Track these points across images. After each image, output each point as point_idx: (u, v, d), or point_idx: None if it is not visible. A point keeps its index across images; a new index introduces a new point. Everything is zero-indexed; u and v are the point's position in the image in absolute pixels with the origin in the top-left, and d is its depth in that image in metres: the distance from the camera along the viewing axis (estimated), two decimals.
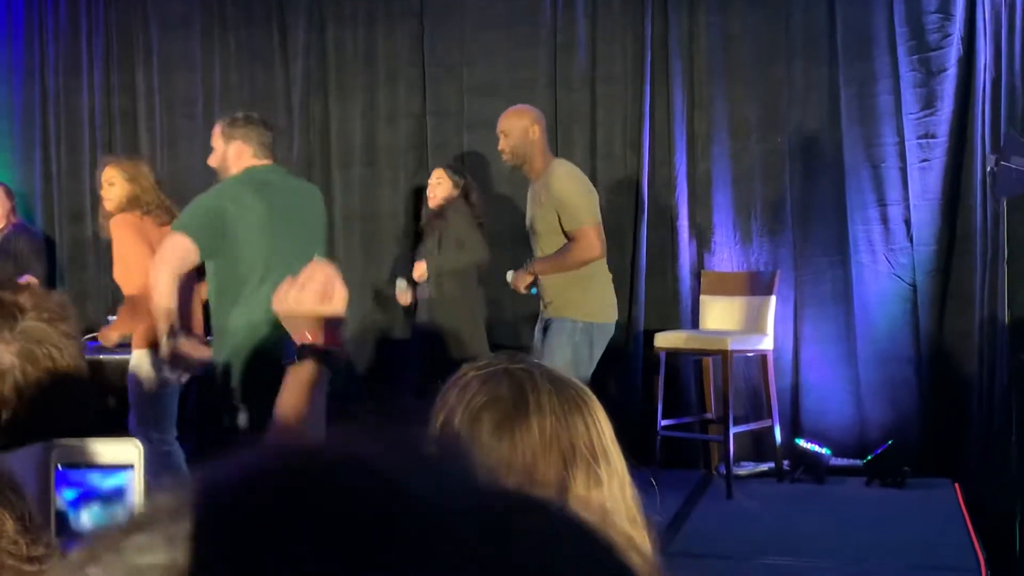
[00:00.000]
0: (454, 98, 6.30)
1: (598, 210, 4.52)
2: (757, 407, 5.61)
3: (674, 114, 5.87)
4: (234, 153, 4.05)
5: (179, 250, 3.69)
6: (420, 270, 5.30)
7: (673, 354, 5.54)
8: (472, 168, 6.19)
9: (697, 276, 5.83)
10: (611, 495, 1.16)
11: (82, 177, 6.90)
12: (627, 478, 1.20)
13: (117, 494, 1.03)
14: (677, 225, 5.84)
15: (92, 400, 1.43)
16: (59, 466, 1.01)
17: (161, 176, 6.75)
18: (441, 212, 5.36)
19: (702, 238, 5.86)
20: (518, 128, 4.54)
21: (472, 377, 1.20)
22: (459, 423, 1.16)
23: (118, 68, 6.87)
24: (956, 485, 5.12)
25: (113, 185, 4.73)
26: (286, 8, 6.55)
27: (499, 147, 4.65)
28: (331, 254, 6.47)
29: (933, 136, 5.49)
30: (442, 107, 6.32)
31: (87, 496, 1.03)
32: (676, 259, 5.83)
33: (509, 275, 4.71)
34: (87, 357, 1.47)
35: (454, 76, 6.29)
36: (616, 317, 4.62)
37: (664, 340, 5.49)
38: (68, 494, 1.02)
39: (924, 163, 5.50)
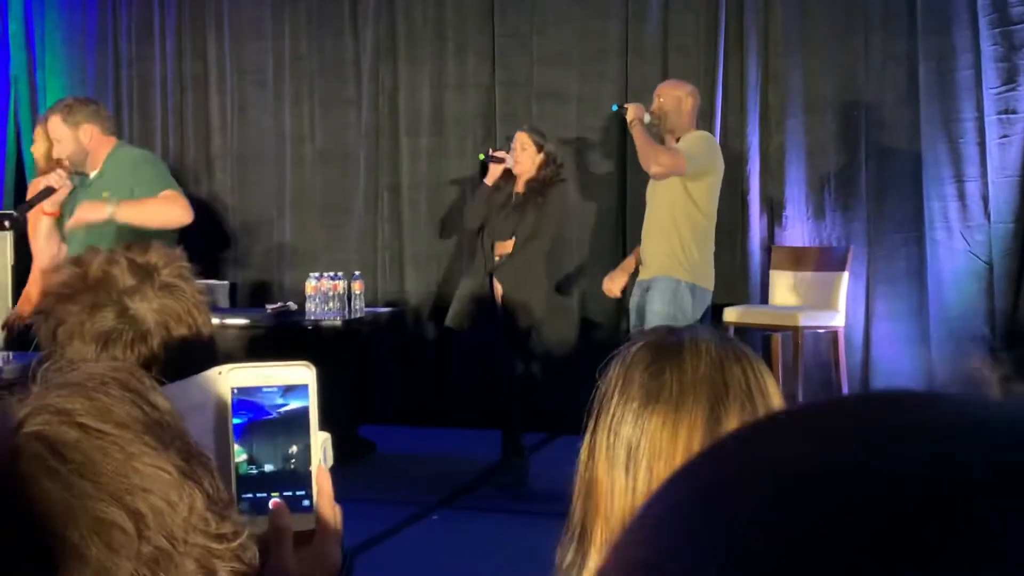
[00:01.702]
0: (524, 68, 6.28)
1: (714, 178, 4.68)
2: (827, 384, 5.56)
3: (747, 86, 5.81)
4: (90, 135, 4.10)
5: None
6: (506, 248, 5.16)
7: (742, 329, 5.50)
8: None
9: (768, 251, 5.79)
10: None
11: (154, 142, 6.98)
12: None
13: (295, 417, 1.05)
14: (748, 199, 5.79)
15: (218, 356, 1.46)
16: (235, 391, 1.02)
17: (231, 140, 6.87)
18: (543, 191, 5.02)
19: (774, 212, 5.81)
20: (673, 96, 4.76)
21: (638, 336, 1.21)
22: (616, 372, 1.17)
23: (190, 34, 6.93)
24: None
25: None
26: None
27: (651, 108, 4.80)
28: (397, 222, 6.52)
29: (1014, 112, 5.37)
30: (511, 77, 6.30)
31: (262, 418, 1.04)
32: (746, 233, 5.78)
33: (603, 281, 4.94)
34: None
35: (524, 46, 6.26)
36: (712, 286, 4.74)
37: (733, 315, 5.45)
38: (241, 419, 1.04)
39: (1004, 139, 5.39)
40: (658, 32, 5.99)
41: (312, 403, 1.03)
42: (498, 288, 5.20)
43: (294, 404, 1.03)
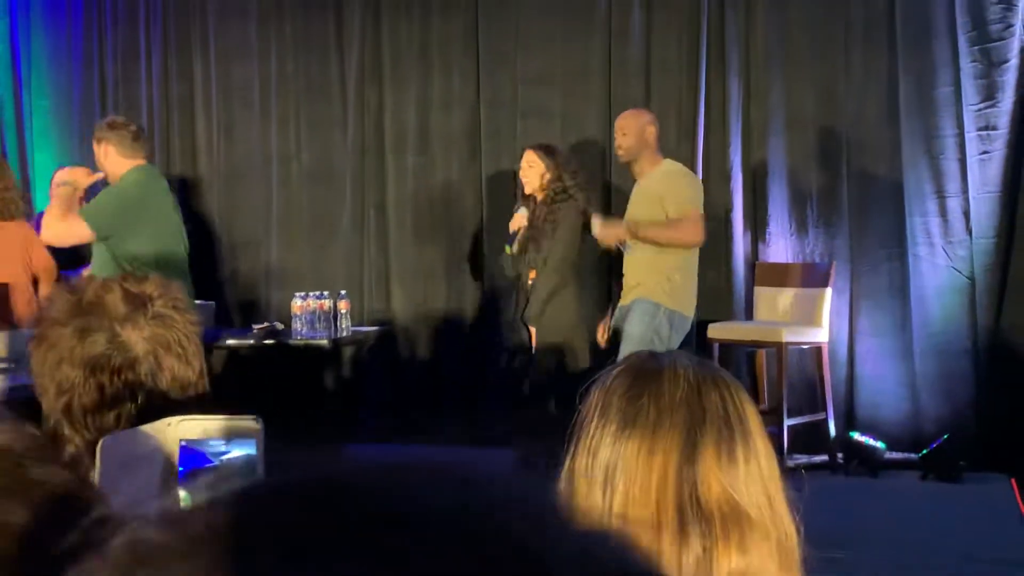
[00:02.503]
0: (508, 87, 6.31)
1: (702, 205, 4.75)
2: (811, 399, 5.59)
3: (730, 103, 5.85)
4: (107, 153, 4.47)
5: None
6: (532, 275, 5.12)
7: (726, 345, 5.54)
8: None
9: (752, 267, 5.82)
10: (747, 479, 1.14)
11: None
12: (773, 472, 1.18)
13: (242, 465, 1.07)
14: (731, 215, 5.82)
15: (210, 386, 1.47)
16: (182, 441, 1.05)
17: (218, 161, 6.89)
18: (554, 213, 4.96)
19: (757, 229, 5.84)
20: (636, 126, 4.77)
21: (620, 361, 1.23)
22: (597, 395, 1.18)
23: (176, 56, 6.95)
24: (1012, 481, 5.07)
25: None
26: None
27: (616, 144, 4.84)
28: (384, 240, 6.54)
29: (994, 128, 5.42)
30: (496, 96, 6.34)
31: (207, 465, 1.06)
32: (730, 249, 5.82)
33: (596, 225, 4.76)
34: None
35: (508, 65, 6.30)
36: (694, 311, 4.77)
37: (718, 331, 5.48)
38: (189, 469, 1.06)
39: (984, 155, 5.44)
40: (641, 51, 6.04)
41: (259, 453, 1.05)
42: (532, 331, 5.20)
43: (241, 453, 1.05)
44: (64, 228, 4.34)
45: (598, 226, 4.78)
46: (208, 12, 6.85)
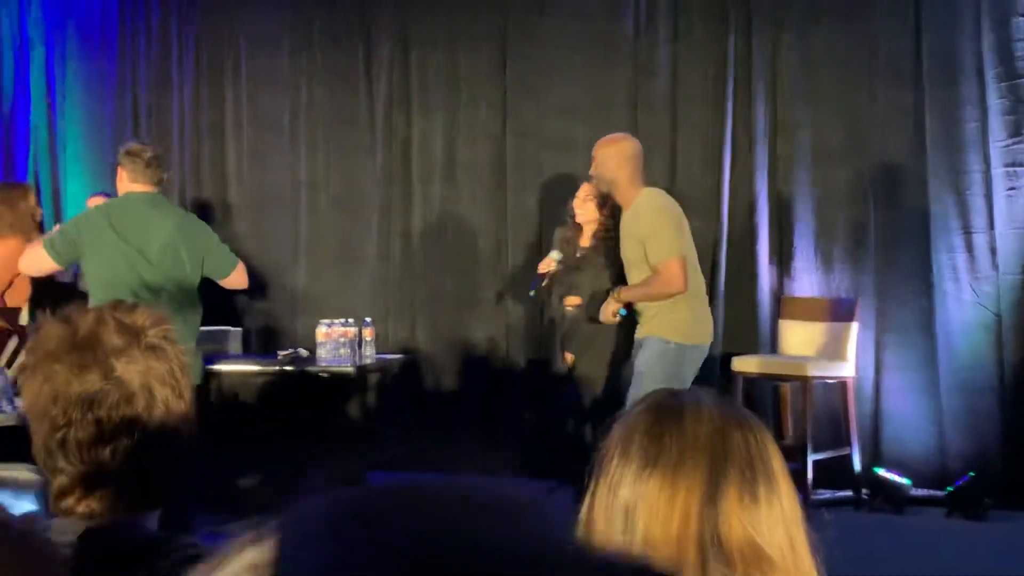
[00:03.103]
0: (534, 118, 6.36)
1: (684, 242, 4.52)
2: (836, 434, 5.56)
3: (755, 137, 5.86)
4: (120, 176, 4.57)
5: None
6: (575, 301, 5.16)
7: (751, 379, 5.52)
8: (551, 188, 6.24)
9: (777, 300, 5.81)
10: (769, 521, 1.14)
11: (170, 189, 7.06)
12: (795, 514, 1.17)
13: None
14: (757, 249, 5.82)
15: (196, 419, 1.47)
16: None
17: (247, 188, 6.96)
18: (604, 249, 5.04)
19: (783, 262, 5.84)
20: (606, 155, 4.60)
21: (644, 398, 1.23)
22: (619, 433, 1.19)
23: (207, 84, 7.04)
24: None
25: None
26: (372, 28, 6.67)
27: (590, 171, 4.72)
28: (409, 268, 6.58)
29: (1020, 165, 5.40)
30: (522, 127, 6.38)
31: None
32: (756, 283, 5.81)
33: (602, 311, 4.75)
34: None
35: (534, 96, 6.35)
36: (710, 339, 4.65)
37: (742, 364, 5.47)
38: None
39: (1011, 191, 5.42)
40: (667, 83, 6.06)
41: (40, 506, 1.04)
42: (568, 356, 5.21)
43: (21, 506, 1.04)
44: (27, 255, 4.48)
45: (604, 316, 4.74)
46: (240, 41, 6.95)
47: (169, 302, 4.20)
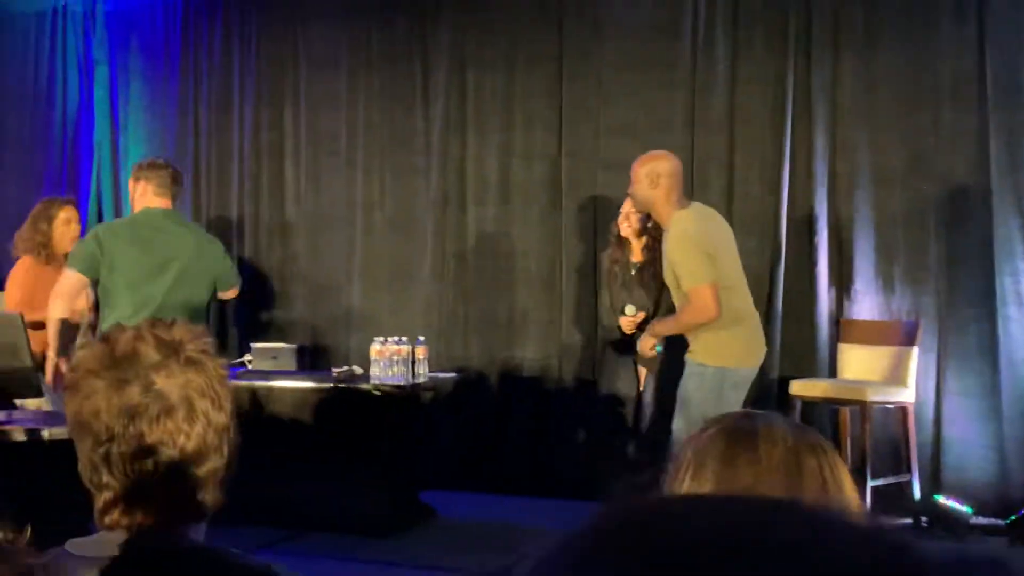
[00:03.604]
0: (590, 139, 6.35)
1: (716, 267, 4.37)
2: (895, 460, 5.45)
3: (815, 158, 5.81)
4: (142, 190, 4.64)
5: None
6: (635, 319, 5.14)
7: (809, 403, 5.44)
8: (606, 209, 6.23)
9: (836, 323, 5.72)
10: None
11: (230, 208, 7.18)
12: None
13: None
14: (816, 271, 5.75)
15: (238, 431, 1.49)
16: None
17: (304, 208, 7.04)
18: (655, 262, 4.99)
19: (842, 284, 5.76)
20: (640, 174, 4.52)
21: (712, 421, 1.21)
22: (689, 457, 1.17)
23: (267, 105, 7.14)
24: None
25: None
26: (429, 50, 6.72)
27: (628, 190, 4.70)
28: (462, 288, 6.59)
29: None
30: (578, 147, 6.38)
31: None
32: (814, 305, 5.74)
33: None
34: None
35: (591, 117, 6.35)
36: (757, 363, 4.54)
37: (800, 388, 5.39)
38: None
39: None
40: (724, 103, 6.03)
41: None
42: (642, 372, 5.16)
43: None
44: (60, 280, 4.55)
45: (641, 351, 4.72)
46: (299, 64, 7.04)
47: (183, 316, 4.26)
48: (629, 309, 5.24)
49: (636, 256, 5.29)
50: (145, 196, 4.55)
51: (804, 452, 1.14)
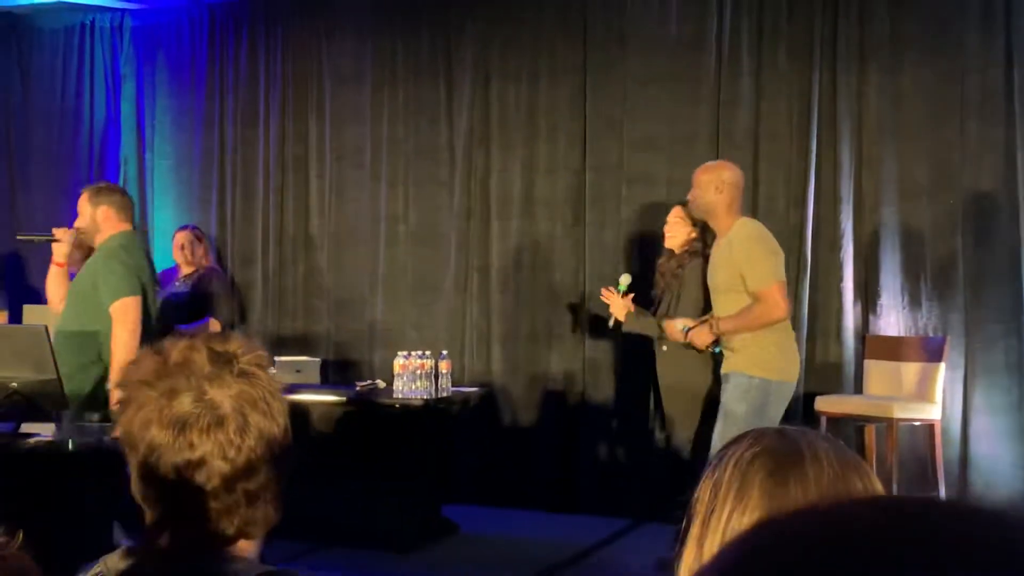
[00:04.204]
0: (614, 152, 6.34)
1: (783, 269, 4.48)
2: (922, 478, 5.39)
3: (840, 172, 5.77)
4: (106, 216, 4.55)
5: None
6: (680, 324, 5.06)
7: (834, 419, 5.39)
8: (630, 222, 6.21)
9: (862, 339, 5.68)
10: None
11: (255, 222, 7.22)
12: None
13: None
14: (842, 286, 5.71)
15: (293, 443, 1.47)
16: None
17: (329, 221, 7.06)
18: (682, 265, 5.05)
19: (868, 300, 5.71)
20: (706, 181, 4.57)
21: (744, 437, 1.19)
22: (730, 475, 1.14)
23: (293, 119, 7.18)
24: None
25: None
26: (454, 64, 6.73)
27: (688, 197, 4.69)
28: (486, 302, 6.59)
29: None
30: (602, 161, 6.37)
31: None
32: (840, 321, 5.69)
33: (679, 325, 4.69)
34: None
35: (615, 130, 6.33)
36: (797, 377, 4.55)
37: (826, 404, 5.35)
38: None
39: None
40: (750, 117, 6.00)
41: None
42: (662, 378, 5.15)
43: None
44: (129, 315, 4.39)
45: (680, 326, 4.69)
46: (324, 78, 7.08)
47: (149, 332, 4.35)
48: (625, 279, 5.16)
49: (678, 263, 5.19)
50: (110, 220, 4.51)
51: (850, 474, 1.12)
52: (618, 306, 5.11)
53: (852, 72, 5.78)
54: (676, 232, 5.14)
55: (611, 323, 5.15)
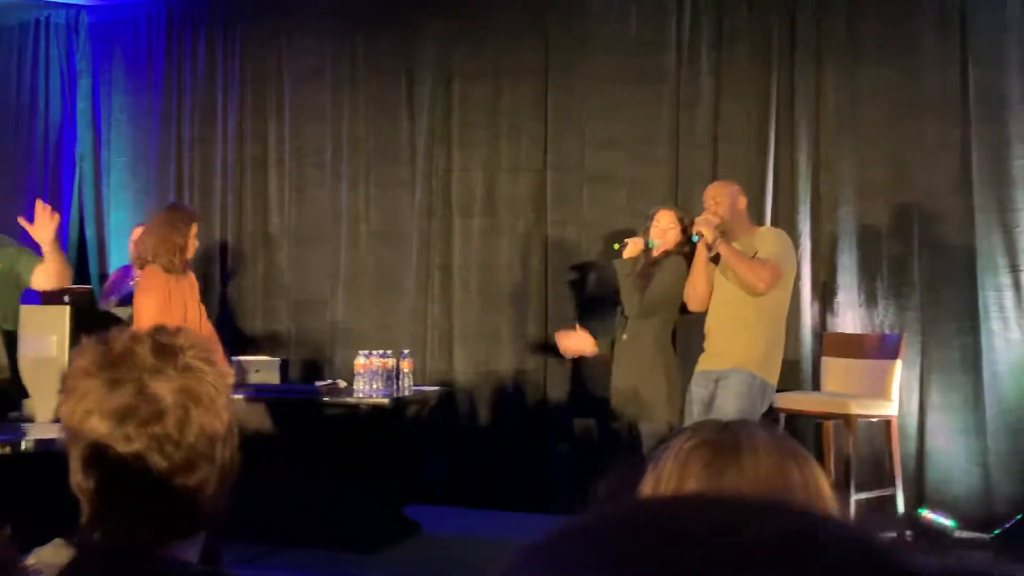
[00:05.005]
0: (576, 152, 6.36)
1: (788, 273, 4.74)
2: (879, 474, 5.46)
3: (798, 173, 5.83)
4: None
5: None
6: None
7: (793, 416, 5.44)
8: (592, 222, 6.23)
9: (819, 337, 5.74)
10: None
11: (213, 220, 7.15)
12: None
13: None
14: (799, 285, 5.75)
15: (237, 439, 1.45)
16: None
17: (288, 220, 7.02)
18: (652, 268, 5.01)
19: (826, 299, 5.77)
20: (727, 193, 4.79)
21: (686, 429, 1.20)
22: (670, 467, 1.15)
23: (251, 117, 7.12)
24: None
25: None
26: (415, 62, 6.72)
27: (711, 212, 4.74)
28: (448, 301, 6.58)
29: None
30: (563, 161, 6.38)
31: None
32: (798, 319, 5.74)
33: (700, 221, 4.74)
34: None
35: (576, 130, 6.35)
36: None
37: (784, 401, 5.38)
38: None
39: None
40: (708, 119, 6.05)
41: None
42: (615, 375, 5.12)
43: None
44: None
45: (704, 220, 4.73)
46: (284, 75, 7.03)
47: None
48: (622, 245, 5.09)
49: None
50: None
51: (788, 463, 1.13)
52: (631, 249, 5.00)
53: (810, 72, 5.84)
54: (668, 238, 5.06)
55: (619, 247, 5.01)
